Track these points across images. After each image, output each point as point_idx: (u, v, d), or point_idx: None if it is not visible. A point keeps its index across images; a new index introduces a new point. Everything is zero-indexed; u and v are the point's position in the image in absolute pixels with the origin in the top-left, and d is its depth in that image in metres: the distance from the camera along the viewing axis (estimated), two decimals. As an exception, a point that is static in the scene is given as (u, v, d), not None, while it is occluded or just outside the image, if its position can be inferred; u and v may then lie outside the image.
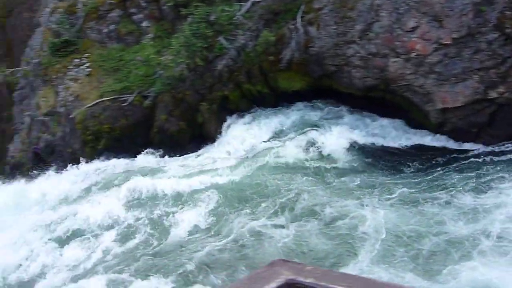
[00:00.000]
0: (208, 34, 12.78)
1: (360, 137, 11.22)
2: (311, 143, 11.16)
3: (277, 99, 12.98)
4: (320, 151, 10.94)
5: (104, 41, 15.11)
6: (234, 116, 12.82)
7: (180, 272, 7.71)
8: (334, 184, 9.67)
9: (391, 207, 8.49)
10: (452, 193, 8.64)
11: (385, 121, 11.66)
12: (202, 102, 13.15)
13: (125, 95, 13.44)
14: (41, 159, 14.48)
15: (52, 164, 13.79)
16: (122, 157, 12.34)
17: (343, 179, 9.87)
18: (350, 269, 7.02)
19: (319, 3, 12.20)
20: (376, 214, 8.27)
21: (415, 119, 11.44)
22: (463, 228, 7.68)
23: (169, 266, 7.87)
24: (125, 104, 13.36)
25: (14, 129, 16.72)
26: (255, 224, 8.53)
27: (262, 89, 12.94)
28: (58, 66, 14.56)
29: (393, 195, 8.91)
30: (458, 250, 7.20)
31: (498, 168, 9.25)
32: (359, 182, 9.62)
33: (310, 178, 9.92)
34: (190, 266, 7.76)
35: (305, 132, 11.59)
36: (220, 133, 12.85)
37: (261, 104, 13.02)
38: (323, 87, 12.52)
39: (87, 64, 14.47)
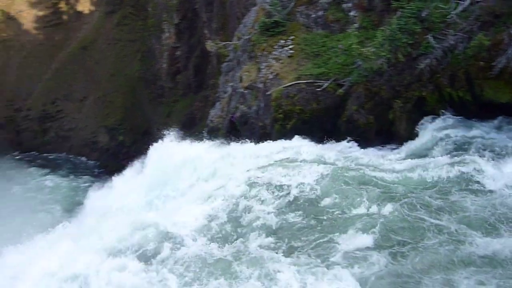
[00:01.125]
0: (416, 30, 12.32)
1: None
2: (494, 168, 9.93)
3: (478, 109, 11.98)
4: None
5: (311, 26, 15.58)
6: (428, 118, 12.20)
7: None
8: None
9: None
10: None
11: None
12: (396, 99, 12.79)
13: (321, 81, 13.74)
14: (235, 128, 15.69)
15: (243, 134, 14.87)
16: (308, 140, 12.71)
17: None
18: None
19: (552, 9, 10.84)
20: None
21: None
22: None
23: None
24: (319, 89, 13.67)
25: (217, 97, 18.38)
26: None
27: (464, 95, 12.06)
28: (265, 45, 15.46)
29: None
30: None
31: None
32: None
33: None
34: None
35: (496, 153, 10.43)
36: (409, 133, 12.39)
37: (459, 111, 12.15)
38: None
39: (290, 46, 15.12)
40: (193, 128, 24.48)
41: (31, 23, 33.01)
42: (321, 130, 13.37)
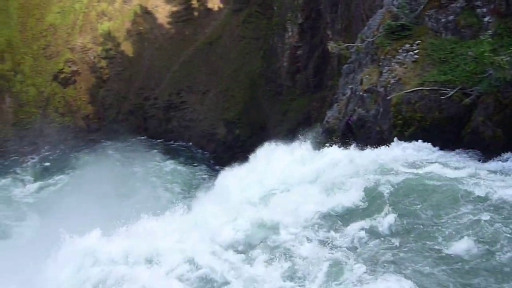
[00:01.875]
0: (560, 40, 11.35)
1: None
2: None
3: None
4: None
5: (439, 31, 14.97)
6: None
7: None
8: None
9: None
10: None
11: None
12: (529, 113, 11.92)
13: (446, 88, 13.19)
14: (351, 131, 15.56)
15: (359, 138, 14.70)
16: (428, 149, 12.28)
17: None
18: None
19: None
20: None
21: None
22: None
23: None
24: (443, 97, 13.13)
25: (335, 98, 18.34)
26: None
27: None
28: (389, 48, 15.13)
29: None
30: None
31: None
32: None
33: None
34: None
35: None
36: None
37: None
38: None
39: (416, 51, 14.65)
40: (308, 127, 24.66)
41: (165, 17, 35.36)
42: (442, 139, 12.84)
